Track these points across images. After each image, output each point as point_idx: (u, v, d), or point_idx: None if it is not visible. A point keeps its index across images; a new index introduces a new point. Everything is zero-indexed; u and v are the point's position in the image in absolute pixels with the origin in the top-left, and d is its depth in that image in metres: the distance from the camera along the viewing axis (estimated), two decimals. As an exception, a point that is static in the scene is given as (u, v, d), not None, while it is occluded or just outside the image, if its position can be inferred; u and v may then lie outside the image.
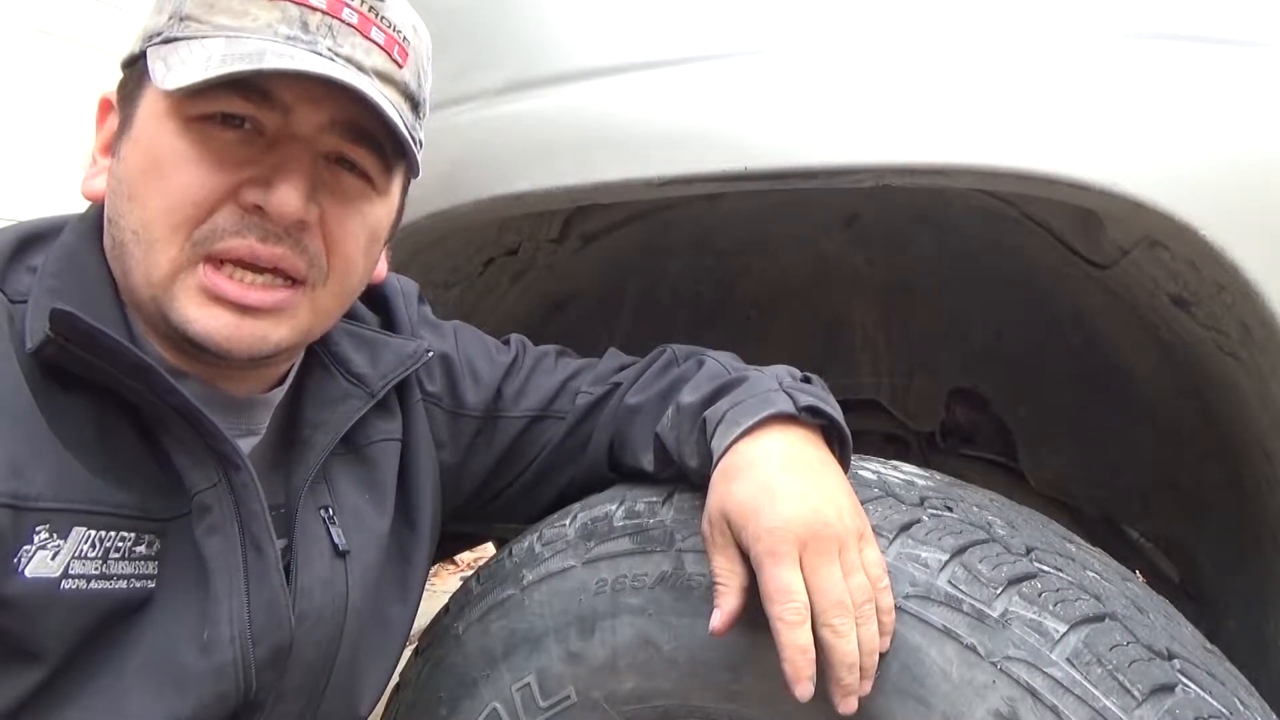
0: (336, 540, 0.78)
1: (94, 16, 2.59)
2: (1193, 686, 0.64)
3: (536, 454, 0.93)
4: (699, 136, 0.87)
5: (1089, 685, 0.63)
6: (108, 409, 0.67)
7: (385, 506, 0.84)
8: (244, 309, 0.68)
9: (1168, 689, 0.63)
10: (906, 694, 0.67)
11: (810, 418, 0.76)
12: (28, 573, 0.62)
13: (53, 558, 0.63)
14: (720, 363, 0.85)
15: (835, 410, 0.77)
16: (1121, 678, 0.63)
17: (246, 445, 0.76)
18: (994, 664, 0.65)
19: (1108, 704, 0.62)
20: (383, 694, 0.87)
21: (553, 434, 0.93)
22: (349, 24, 0.68)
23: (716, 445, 0.75)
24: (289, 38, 0.67)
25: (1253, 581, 1.05)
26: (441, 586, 2.71)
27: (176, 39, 0.67)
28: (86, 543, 0.64)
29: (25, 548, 0.62)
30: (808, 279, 1.31)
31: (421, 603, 0.89)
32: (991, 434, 1.38)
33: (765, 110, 0.86)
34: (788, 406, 0.75)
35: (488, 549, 2.03)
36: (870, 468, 0.82)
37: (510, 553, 0.88)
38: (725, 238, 1.28)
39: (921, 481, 0.80)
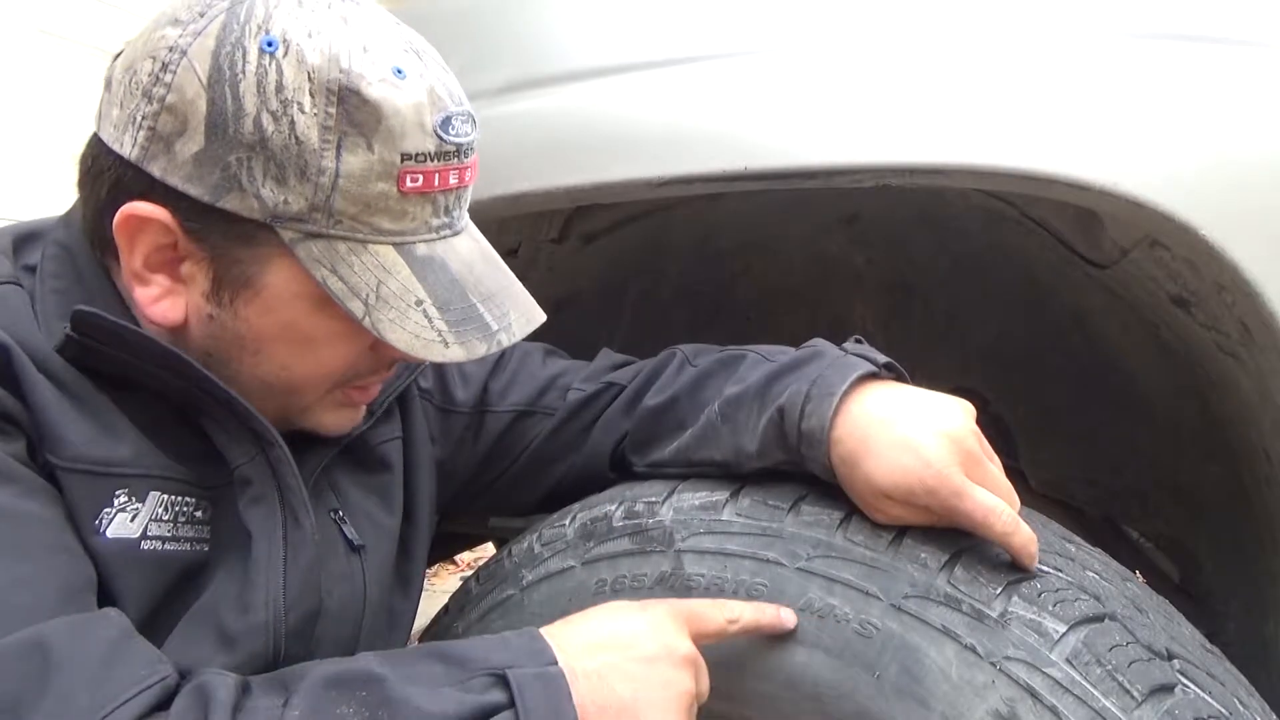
0: (350, 537, 0.79)
1: (94, 16, 2.59)
2: (1192, 687, 0.64)
3: (523, 449, 0.94)
4: (699, 136, 0.87)
5: (1088, 685, 0.62)
6: (138, 395, 0.69)
7: (393, 505, 0.85)
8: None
9: (1167, 689, 0.63)
10: (905, 694, 0.67)
11: (888, 373, 0.77)
12: (109, 534, 0.65)
13: (131, 519, 0.66)
14: (758, 353, 0.84)
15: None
16: (1121, 678, 0.63)
17: None
18: (993, 664, 0.65)
19: (1107, 704, 0.62)
20: None
21: (540, 429, 0.93)
22: (466, 184, 0.71)
23: (816, 424, 0.72)
24: (439, 226, 0.69)
25: (1253, 581, 1.05)
26: (441, 586, 2.71)
27: (331, 237, 0.65)
28: (161, 506, 0.68)
29: (105, 510, 0.65)
30: (808, 279, 1.31)
31: (421, 602, 0.89)
32: (991, 434, 1.37)
33: (765, 110, 0.86)
34: (870, 367, 0.75)
35: (488, 549, 2.03)
36: (870, 468, 0.81)
37: (510, 553, 0.88)
38: (725, 238, 1.28)
39: (921, 481, 0.80)
